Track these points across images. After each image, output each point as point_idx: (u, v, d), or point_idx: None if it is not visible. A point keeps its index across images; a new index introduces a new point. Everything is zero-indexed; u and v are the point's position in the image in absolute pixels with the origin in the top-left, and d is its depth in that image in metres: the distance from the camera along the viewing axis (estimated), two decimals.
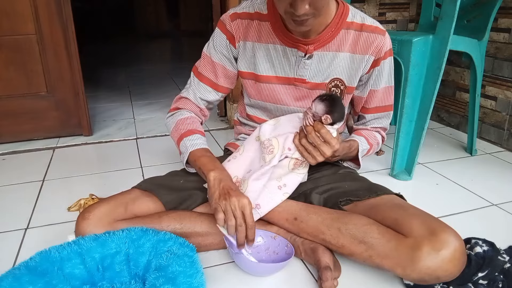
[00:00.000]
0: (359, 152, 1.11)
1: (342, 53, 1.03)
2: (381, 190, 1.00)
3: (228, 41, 1.07)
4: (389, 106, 1.14)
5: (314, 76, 1.04)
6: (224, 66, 1.10)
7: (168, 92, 2.85)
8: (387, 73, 1.08)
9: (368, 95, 1.10)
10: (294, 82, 1.06)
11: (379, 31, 1.02)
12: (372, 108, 1.13)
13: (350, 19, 1.01)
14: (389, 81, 1.10)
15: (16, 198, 1.35)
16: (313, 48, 1.01)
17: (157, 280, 0.77)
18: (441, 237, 0.80)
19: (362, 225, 0.89)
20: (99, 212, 0.94)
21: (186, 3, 5.93)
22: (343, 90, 1.06)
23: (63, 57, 1.80)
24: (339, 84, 1.06)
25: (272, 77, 1.07)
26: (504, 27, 1.70)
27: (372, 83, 1.08)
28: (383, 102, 1.12)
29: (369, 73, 1.06)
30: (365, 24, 1.02)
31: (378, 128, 1.18)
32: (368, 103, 1.12)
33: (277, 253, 0.99)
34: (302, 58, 1.02)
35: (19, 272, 0.78)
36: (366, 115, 1.15)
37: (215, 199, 0.92)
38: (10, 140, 1.84)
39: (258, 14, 1.04)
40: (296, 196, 1.07)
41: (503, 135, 1.76)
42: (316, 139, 0.96)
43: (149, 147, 1.81)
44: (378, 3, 2.06)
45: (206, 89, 1.12)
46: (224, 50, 1.08)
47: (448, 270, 0.79)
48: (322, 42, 1.01)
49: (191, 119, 1.10)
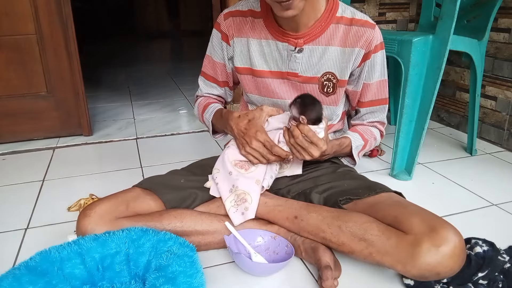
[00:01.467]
0: (353, 148, 1.12)
1: (332, 47, 1.04)
2: (381, 188, 1.01)
3: (222, 41, 1.12)
4: (384, 99, 1.14)
5: (306, 70, 1.06)
6: (224, 64, 1.16)
7: (168, 92, 2.85)
8: (379, 66, 1.08)
9: (362, 89, 1.11)
10: (287, 76, 1.08)
11: (369, 25, 1.03)
12: (366, 102, 1.13)
13: (340, 14, 1.03)
14: (382, 75, 1.10)
15: (16, 198, 1.35)
16: (303, 42, 1.03)
17: (157, 280, 0.77)
18: (441, 234, 0.80)
19: (362, 223, 0.89)
20: (100, 210, 0.94)
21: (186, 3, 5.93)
22: (335, 83, 1.07)
23: (63, 57, 1.80)
24: (331, 78, 1.07)
25: (266, 71, 1.09)
26: (504, 27, 1.70)
27: (365, 76, 1.08)
28: (377, 95, 1.13)
29: (361, 67, 1.07)
30: (354, 18, 1.03)
31: (374, 123, 1.18)
32: (363, 96, 1.12)
33: (277, 253, 0.99)
34: (293, 52, 1.04)
35: (19, 272, 0.78)
36: (361, 109, 1.16)
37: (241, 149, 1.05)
38: (10, 140, 1.84)
39: (252, 11, 1.08)
40: (296, 196, 1.08)
41: (503, 135, 1.76)
42: (303, 142, 0.96)
43: (149, 147, 1.81)
44: (378, 3, 2.07)
45: (211, 85, 1.22)
46: (220, 49, 1.14)
47: (448, 266, 0.79)
48: (312, 36, 1.03)
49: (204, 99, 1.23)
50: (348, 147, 1.12)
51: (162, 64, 4.25)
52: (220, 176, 1.06)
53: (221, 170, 1.07)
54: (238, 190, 1.01)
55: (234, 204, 1.01)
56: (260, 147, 1.01)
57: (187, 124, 2.15)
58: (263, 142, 1.00)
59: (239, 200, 1.01)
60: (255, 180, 1.02)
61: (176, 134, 1.99)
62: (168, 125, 2.12)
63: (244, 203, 1.00)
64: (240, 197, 1.01)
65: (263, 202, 1.05)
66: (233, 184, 1.02)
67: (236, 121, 1.05)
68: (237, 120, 1.05)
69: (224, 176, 1.05)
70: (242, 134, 1.03)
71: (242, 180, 1.02)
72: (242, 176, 1.03)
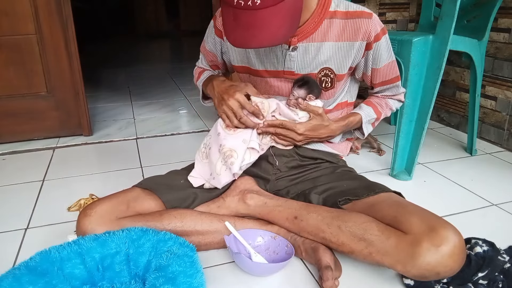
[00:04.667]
0: (363, 123, 1.15)
1: (328, 42, 1.04)
2: (380, 188, 1.01)
3: (216, 35, 1.16)
4: (395, 78, 1.15)
5: (302, 67, 1.07)
6: (214, 54, 1.21)
7: (168, 92, 2.85)
8: (385, 51, 1.08)
9: (372, 73, 1.11)
10: (283, 75, 1.08)
11: (365, 15, 1.02)
12: (378, 83, 1.14)
13: (333, 9, 1.03)
14: (389, 57, 1.10)
15: (16, 198, 1.35)
16: (297, 40, 1.03)
17: (157, 280, 0.77)
18: (440, 233, 0.79)
19: (362, 223, 0.89)
20: (101, 209, 0.94)
21: (186, 3, 5.94)
22: (333, 78, 1.08)
23: (63, 57, 1.80)
24: (328, 73, 1.07)
25: (263, 71, 1.10)
26: (504, 27, 1.70)
27: (372, 63, 1.08)
28: (387, 76, 1.13)
29: (365, 56, 1.07)
30: (349, 11, 1.02)
31: (390, 96, 1.19)
32: (374, 79, 1.13)
33: (277, 253, 0.99)
34: (287, 50, 1.04)
35: (19, 272, 0.78)
36: (375, 88, 1.17)
37: (217, 108, 1.08)
38: (10, 140, 1.84)
39: None
40: (295, 197, 1.08)
41: (503, 135, 1.76)
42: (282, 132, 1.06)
43: (149, 147, 1.81)
44: (378, 3, 2.07)
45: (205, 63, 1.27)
46: (213, 41, 1.18)
47: (448, 266, 0.79)
48: (306, 34, 1.03)
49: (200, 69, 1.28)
50: (358, 124, 1.15)
51: (162, 64, 4.25)
52: (211, 140, 1.10)
53: (213, 135, 1.10)
54: (225, 148, 1.04)
55: (224, 163, 1.04)
56: (235, 105, 1.04)
57: (187, 124, 2.15)
58: (241, 102, 1.04)
59: (226, 157, 1.03)
60: (241, 139, 1.05)
61: (176, 134, 1.99)
62: (168, 125, 2.12)
63: (230, 159, 1.03)
64: (226, 154, 1.03)
65: (262, 202, 1.05)
66: (220, 144, 1.05)
67: (219, 82, 1.10)
68: (220, 82, 1.10)
69: (214, 139, 1.08)
70: (222, 92, 1.07)
71: (229, 139, 1.05)
72: (229, 136, 1.06)
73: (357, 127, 1.18)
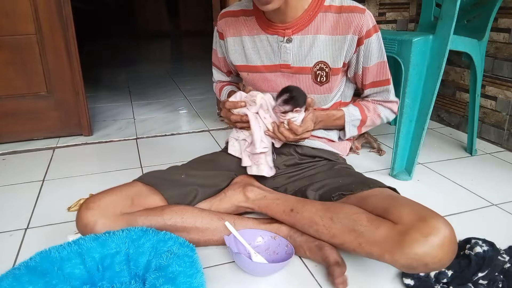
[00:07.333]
0: (346, 122, 1.14)
1: (321, 35, 1.05)
2: (374, 183, 1.01)
3: (219, 39, 1.20)
4: (386, 80, 1.13)
5: (297, 60, 1.08)
6: (224, 58, 1.25)
7: (168, 92, 2.85)
8: (375, 50, 1.08)
9: (362, 72, 1.11)
10: (280, 68, 1.10)
11: (358, 10, 1.03)
12: (368, 83, 1.13)
13: (328, 3, 1.05)
14: (380, 57, 1.10)
15: (16, 198, 1.35)
16: (291, 32, 1.06)
17: (157, 280, 0.77)
18: (430, 223, 0.78)
19: (353, 214, 0.89)
20: (104, 203, 0.94)
21: (186, 3, 5.94)
22: (328, 72, 1.08)
23: (63, 57, 1.80)
24: (323, 67, 1.08)
25: (261, 66, 1.12)
26: (504, 27, 1.70)
27: (363, 61, 1.08)
28: (378, 77, 1.12)
29: (357, 52, 1.07)
30: (343, 6, 1.04)
31: (381, 101, 1.18)
32: (364, 79, 1.13)
33: (277, 253, 0.99)
34: (282, 42, 1.07)
35: (19, 272, 0.78)
36: (365, 90, 1.16)
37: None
38: (10, 140, 1.84)
39: (243, 11, 1.13)
40: (293, 194, 1.11)
41: (503, 135, 1.76)
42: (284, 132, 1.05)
43: (149, 147, 1.81)
44: (378, 3, 2.07)
45: (219, 73, 1.32)
46: (219, 45, 1.23)
47: (437, 257, 0.77)
48: (300, 26, 1.05)
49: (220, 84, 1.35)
50: (340, 120, 1.14)
51: (162, 64, 4.25)
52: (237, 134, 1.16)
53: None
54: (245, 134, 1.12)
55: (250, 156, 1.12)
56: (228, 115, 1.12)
57: (187, 124, 2.15)
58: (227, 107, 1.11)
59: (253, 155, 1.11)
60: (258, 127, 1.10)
61: (176, 134, 1.99)
62: (168, 125, 2.12)
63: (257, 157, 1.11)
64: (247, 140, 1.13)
65: (262, 195, 1.08)
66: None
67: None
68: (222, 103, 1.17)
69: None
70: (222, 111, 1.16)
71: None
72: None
73: (341, 125, 1.16)
